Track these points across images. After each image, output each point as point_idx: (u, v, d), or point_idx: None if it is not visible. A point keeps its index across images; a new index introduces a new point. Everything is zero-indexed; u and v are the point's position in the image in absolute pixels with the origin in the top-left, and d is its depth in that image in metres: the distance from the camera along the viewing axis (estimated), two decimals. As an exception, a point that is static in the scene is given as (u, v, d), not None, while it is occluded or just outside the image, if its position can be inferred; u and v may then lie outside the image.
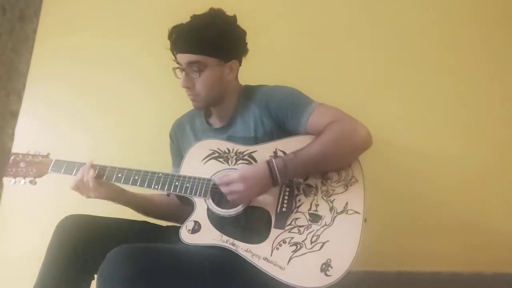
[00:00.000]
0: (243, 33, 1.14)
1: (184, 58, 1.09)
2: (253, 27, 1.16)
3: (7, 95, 0.39)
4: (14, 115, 0.41)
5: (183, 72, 1.10)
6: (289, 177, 1.02)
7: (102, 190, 1.10)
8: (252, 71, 1.21)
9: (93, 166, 1.11)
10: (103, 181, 1.11)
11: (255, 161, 1.07)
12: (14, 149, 1.16)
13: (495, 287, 1.39)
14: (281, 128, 1.10)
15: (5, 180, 0.42)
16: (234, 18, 1.13)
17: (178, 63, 1.12)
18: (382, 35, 1.55)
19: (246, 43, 1.15)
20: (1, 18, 0.35)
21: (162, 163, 1.24)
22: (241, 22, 1.14)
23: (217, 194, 1.06)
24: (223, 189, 1.02)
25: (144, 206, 1.20)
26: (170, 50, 1.12)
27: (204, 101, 1.15)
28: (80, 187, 1.11)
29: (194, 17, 1.10)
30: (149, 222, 1.19)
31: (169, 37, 1.11)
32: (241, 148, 1.10)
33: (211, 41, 1.07)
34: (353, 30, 1.56)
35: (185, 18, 1.11)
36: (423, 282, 1.41)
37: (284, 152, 1.06)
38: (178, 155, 1.24)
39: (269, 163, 1.00)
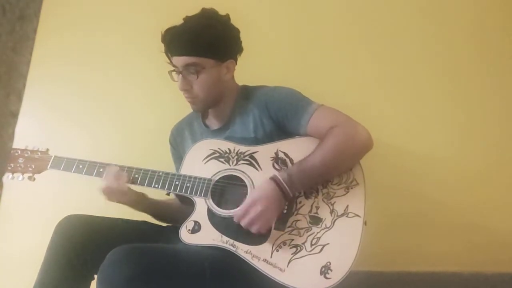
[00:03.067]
0: (237, 31, 1.13)
1: (180, 60, 1.08)
2: (249, 26, 1.16)
3: (7, 95, 0.38)
4: (14, 115, 0.40)
5: (180, 75, 1.09)
6: (297, 189, 1.00)
7: (132, 194, 1.09)
8: (248, 70, 1.20)
9: (120, 166, 1.09)
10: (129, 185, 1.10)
11: (256, 161, 1.07)
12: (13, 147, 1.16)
13: (495, 287, 1.39)
14: (281, 129, 1.10)
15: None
16: (227, 17, 1.12)
17: (174, 66, 1.10)
18: (380, 36, 1.54)
19: (241, 42, 1.15)
20: (1, 18, 0.35)
21: (161, 163, 1.23)
22: (237, 21, 1.13)
23: (217, 194, 1.06)
24: (243, 223, 0.98)
25: (162, 211, 1.20)
26: (164, 53, 1.11)
27: (203, 103, 1.14)
28: (109, 193, 1.08)
29: (187, 19, 1.09)
30: (149, 222, 1.19)
31: (163, 40, 1.09)
32: (242, 148, 1.09)
33: (207, 43, 1.06)
34: (351, 30, 1.55)
35: (182, 18, 1.10)
36: (423, 282, 1.40)
37: (285, 154, 1.05)
38: (179, 159, 1.23)
39: (274, 179, 0.99)
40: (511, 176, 1.48)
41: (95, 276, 0.95)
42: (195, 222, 1.04)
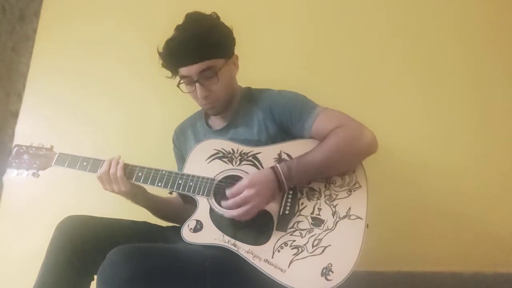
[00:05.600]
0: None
1: (193, 69, 1.06)
2: (253, 27, 1.15)
3: (7, 95, 0.38)
4: (14, 115, 0.40)
5: (196, 84, 1.08)
6: (293, 183, 1.01)
7: (128, 184, 1.09)
8: (251, 72, 1.20)
9: (120, 164, 1.10)
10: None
11: (260, 162, 1.07)
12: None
13: (495, 287, 1.39)
14: (285, 132, 1.10)
15: (7, 171, 0.42)
16: (216, 15, 1.12)
17: (182, 77, 1.09)
18: (386, 38, 1.53)
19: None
20: (1, 18, 0.34)
21: (165, 161, 1.24)
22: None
23: (219, 194, 1.06)
24: (234, 201, 0.98)
25: (161, 207, 1.20)
26: (165, 67, 1.09)
27: (223, 103, 1.14)
28: (104, 180, 1.09)
29: (184, 27, 1.08)
30: (149, 222, 1.19)
31: (167, 54, 1.07)
32: (245, 149, 1.09)
33: (215, 43, 1.06)
34: (356, 33, 1.55)
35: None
36: (423, 282, 1.41)
37: (288, 155, 1.05)
38: (181, 159, 1.23)
39: (274, 168, 0.99)
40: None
41: (95, 277, 0.95)
42: (197, 221, 1.04)
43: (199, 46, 1.05)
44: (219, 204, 1.04)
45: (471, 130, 1.50)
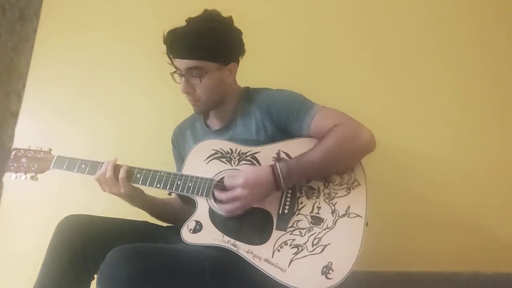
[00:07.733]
0: (240, 33, 1.13)
1: (182, 63, 1.08)
2: (252, 27, 1.15)
3: (7, 95, 0.38)
4: (14, 115, 0.40)
5: (183, 78, 1.09)
6: (292, 183, 1.01)
7: (126, 187, 1.10)
8: (251, 72, 1.20)
9: (124, 166, 1.10)
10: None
11: (258, 162, 1.07)
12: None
13: (495, 287, 1.39)
14: (283, 132, 1.10)
15: (6, 175, 0.42)
16: (230, 19, 1.11)
17: (176, 67, 1.10)
18: (383, 37, 1.54)
19: (243, 44, 1.14)
20: (1, 18, 0.34)
21: (161, 163, 1.24)
22: (240, 23, 1.13)
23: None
24: (226, 195, 1.00)
25: (159, 209, 1.20)
26: (166, 54, 1.10)
27: (205, 105, 1.14)
28: (102, 182, 1.10)
29: (190, 21, 1.09)
30: (149, 222, 1.19)
31: (165, 42, 1.09)
32: (244, 148, 1.09)
33: (209, 46, 1.06)
34: (355, 33, 1.55)
35: (183, 19, 1.09)
36: (423, 282, 1.41)
37: (287, 154, 1.05)
38: (180, 160, 1.23)
39: (273, 168, 1.00)
40: (511, 176, 1.48)
41: (95, 276, 0.95)
42: (197, 221, 1.04)
43: (192, 45, 1.06)
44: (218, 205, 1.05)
45: (471, 127, 1.50)
